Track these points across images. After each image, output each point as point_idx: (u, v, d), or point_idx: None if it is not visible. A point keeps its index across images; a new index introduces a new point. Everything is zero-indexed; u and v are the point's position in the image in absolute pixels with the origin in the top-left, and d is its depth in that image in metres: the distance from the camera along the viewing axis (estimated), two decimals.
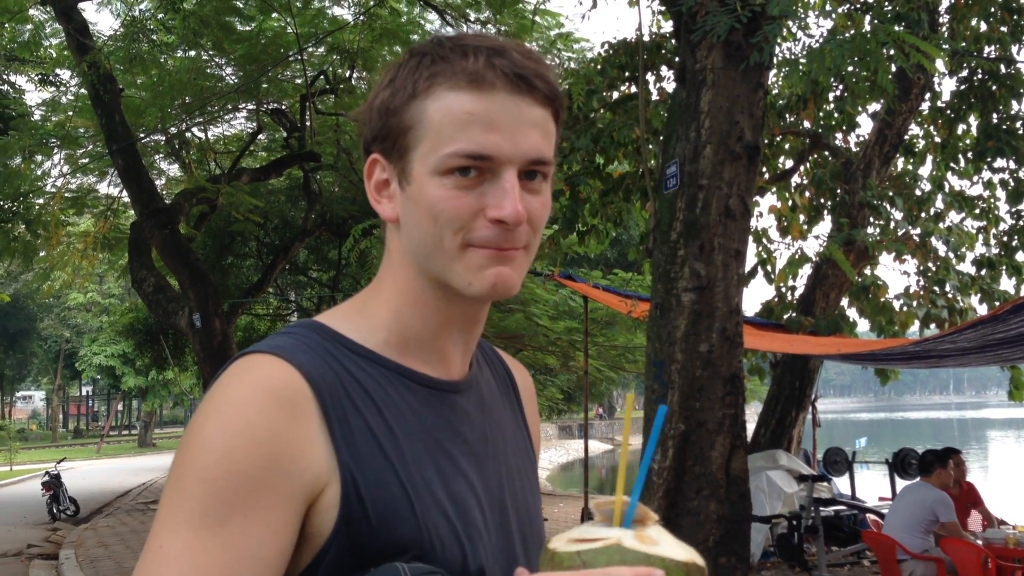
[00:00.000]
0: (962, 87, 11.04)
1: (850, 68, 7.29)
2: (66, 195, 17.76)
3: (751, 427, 13.04)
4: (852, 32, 7.48)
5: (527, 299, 16.86)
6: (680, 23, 6.40)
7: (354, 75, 14.77)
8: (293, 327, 1.06)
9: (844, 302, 11.51)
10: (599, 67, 9.67)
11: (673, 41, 8.12)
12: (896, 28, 6.07)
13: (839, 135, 12.39)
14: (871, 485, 13.32)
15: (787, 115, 11.62)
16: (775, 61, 7.14)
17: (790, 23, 7.33)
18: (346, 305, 1.11)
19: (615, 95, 9.99)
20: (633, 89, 9.81)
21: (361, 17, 12.68)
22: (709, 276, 5.92)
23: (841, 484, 12.22)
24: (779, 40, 7.13)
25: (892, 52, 5.85)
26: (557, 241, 10.78)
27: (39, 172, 16.72)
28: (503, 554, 1.07)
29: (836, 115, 11.98)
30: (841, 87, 11.28)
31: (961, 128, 11.58)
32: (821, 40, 6.26)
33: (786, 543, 10.04)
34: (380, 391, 1.02)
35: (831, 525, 10.20)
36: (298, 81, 14.82)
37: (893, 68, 7.86)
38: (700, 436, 5.85)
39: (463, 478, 1.05)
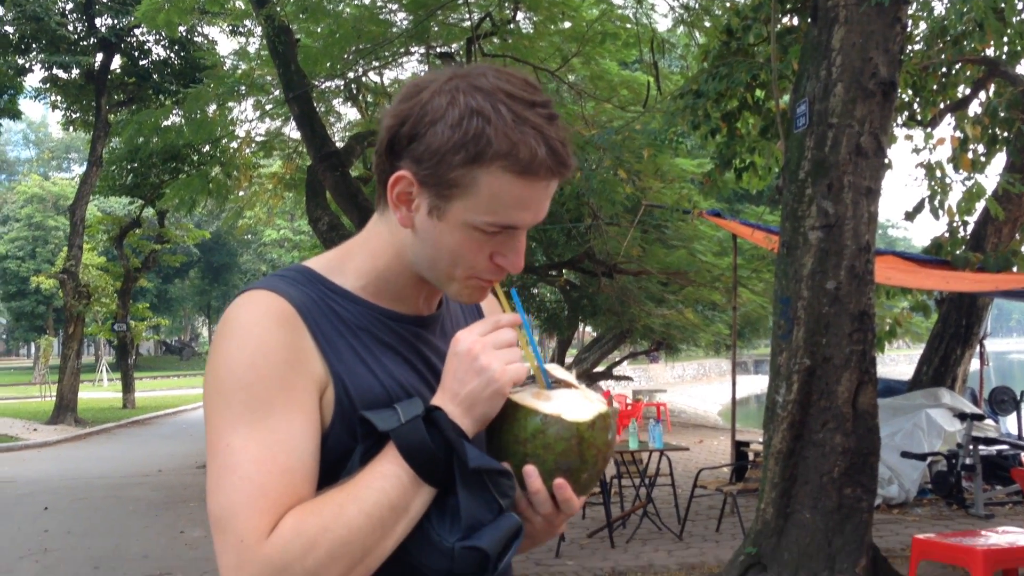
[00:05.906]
0: None
1: None
2: (256, 139, 18.98)
3: (912, 366, 12.74)
4: None
5: (690, 235, 16.70)
6: None
7: (518, 15, 15.02)
8: (284, 270, 1.35)
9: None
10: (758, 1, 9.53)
11: None
12: None
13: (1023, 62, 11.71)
14: None
15: (964, 41, 11.08)
16: None
17: None
18: (332, 253, 1.38)
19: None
20: (795, 21, 9.65)
21: None
22: (838, 214, 5.93)
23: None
24: None
25: None
26: (713, 178, 10.75)
27: (230, 118, 17.90)
28: None
29: (1018, 39, 11.29)
30: None
31: None
32: None
33: (943, 481, 9.90)
34: (355, 321, 1.30)
35: (992, 464, 9.98)
36: (465, 24, 15.19)
37: None
38: (826, 371, 5.93)
39: (427, 385, 1.33)
